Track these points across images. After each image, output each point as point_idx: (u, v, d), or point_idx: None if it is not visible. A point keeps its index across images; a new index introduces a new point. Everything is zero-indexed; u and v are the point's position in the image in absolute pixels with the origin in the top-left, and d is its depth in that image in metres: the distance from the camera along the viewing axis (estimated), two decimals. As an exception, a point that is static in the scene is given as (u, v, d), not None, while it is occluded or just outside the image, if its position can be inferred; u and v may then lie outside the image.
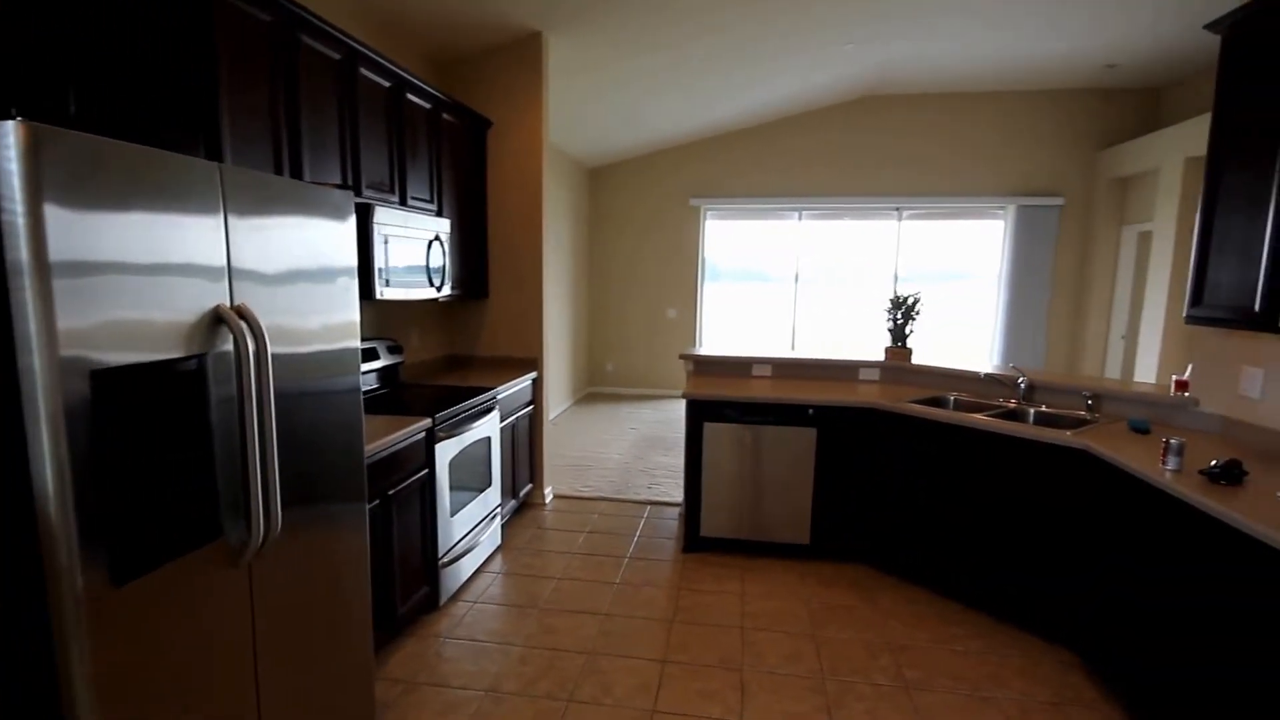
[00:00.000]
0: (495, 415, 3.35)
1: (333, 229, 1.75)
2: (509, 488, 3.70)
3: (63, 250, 1.06)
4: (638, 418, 6.70)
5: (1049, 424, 2.96)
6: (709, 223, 7.53)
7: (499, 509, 3.49)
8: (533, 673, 2.42)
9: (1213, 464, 2.01)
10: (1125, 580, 2.24)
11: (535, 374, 4.06)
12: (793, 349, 5.18)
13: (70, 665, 1.13)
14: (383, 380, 3.24)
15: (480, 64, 3.97)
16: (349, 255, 1.83)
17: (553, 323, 6.54)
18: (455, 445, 2.90)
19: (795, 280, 7.41)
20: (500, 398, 3.45)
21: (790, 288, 7.44)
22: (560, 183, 6.58)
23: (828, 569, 3.31)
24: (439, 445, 2.75)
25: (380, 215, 2.66)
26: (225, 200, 1.39)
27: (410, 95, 3.09)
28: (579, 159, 7.10)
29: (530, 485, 4.09)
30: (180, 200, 1.28)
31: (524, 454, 3.95)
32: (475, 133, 3.88)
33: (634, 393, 7.96)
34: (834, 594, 3.05)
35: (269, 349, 1.46)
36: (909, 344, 3.79)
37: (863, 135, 6.87)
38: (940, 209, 6.90)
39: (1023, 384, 3.16)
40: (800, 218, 7.27)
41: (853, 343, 7.25)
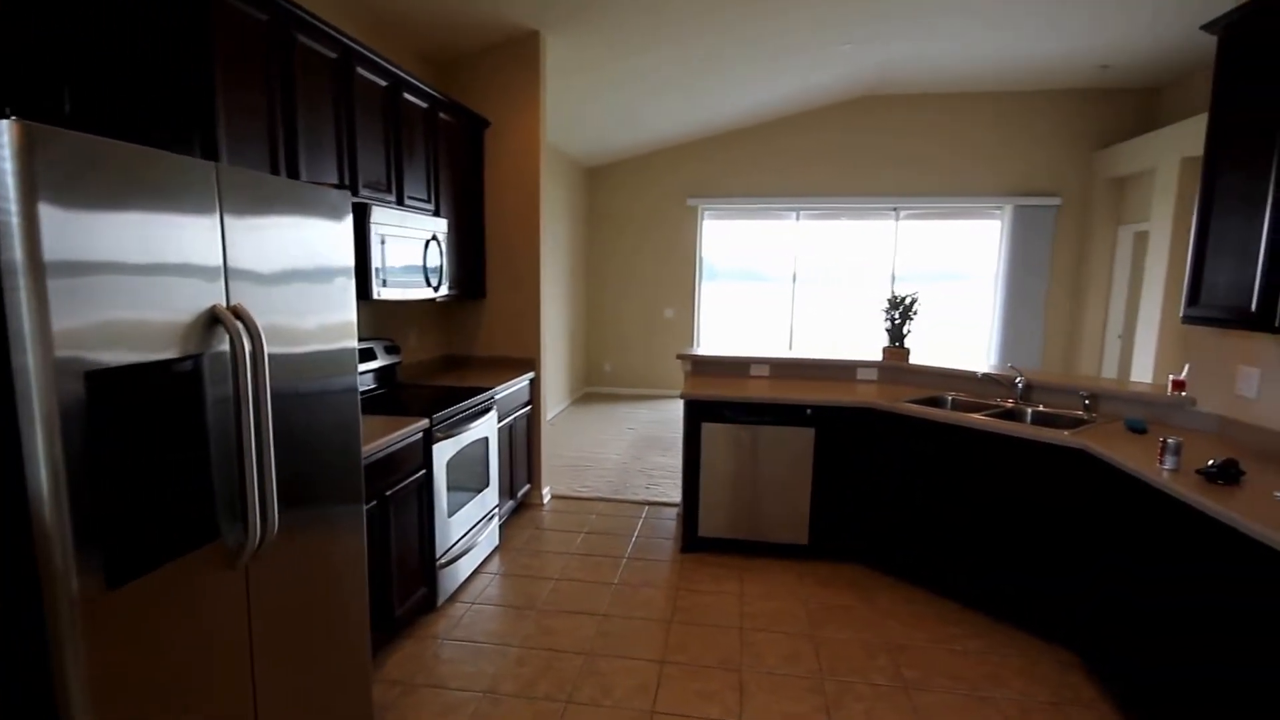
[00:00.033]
0: (493, 415, 3.35)
1: (329, 229, 1.74)
2: (507, 488, 3.69)
3: (57, 250, 1.06)
4: (635, 418, 6.70)
5: (1047, 424, 2.96)
6: (706, 222, 7.53)
7: (497, 509, 3.48)
8: (531, 674, 2.42)
9: (1210, 463, 2.01)
10: (1123, 580, 2.24)
11: (533, 374, 4.05)
12: (790, 349, 5.19)
13: (66, 668, 1.12)
14: (380, 380, 3.23)
15: (477, 63, 3.96)
16: (346, 255, 1.82)
17: (550, 323, 6.54)
18: (453, 446, 2.90)
19: (793, 280, 7.42)
20: (498, 398, 3.45)
21: (788, 287, 7.45)
22: (558, 182, 6.57)
23: (826, 569, 3.31)
24: (436, 446, 2.74)
25: (377, 215, 2.65)
26: (221, 200, 1.39)
27: (407, 95, 3.08)
28: (576, 158, 7.09)
29: (528, 486, 4.08)
30: (176, 200, 1.27)
31: (521, 454, 3.94)
32: (472, 132, 3.87)
33: (631, 393, 7.95)
34: (832, 594, 3.05)
35: (265, 349, 1.45)
36: (906, 344, 3.79)
37: (860, 135, 6.88)
38: (937, 209, 6.91)
39: (1020, 384, 3.17)
40: (798, 218, 7.27)
41: (850, 342, 7.26)
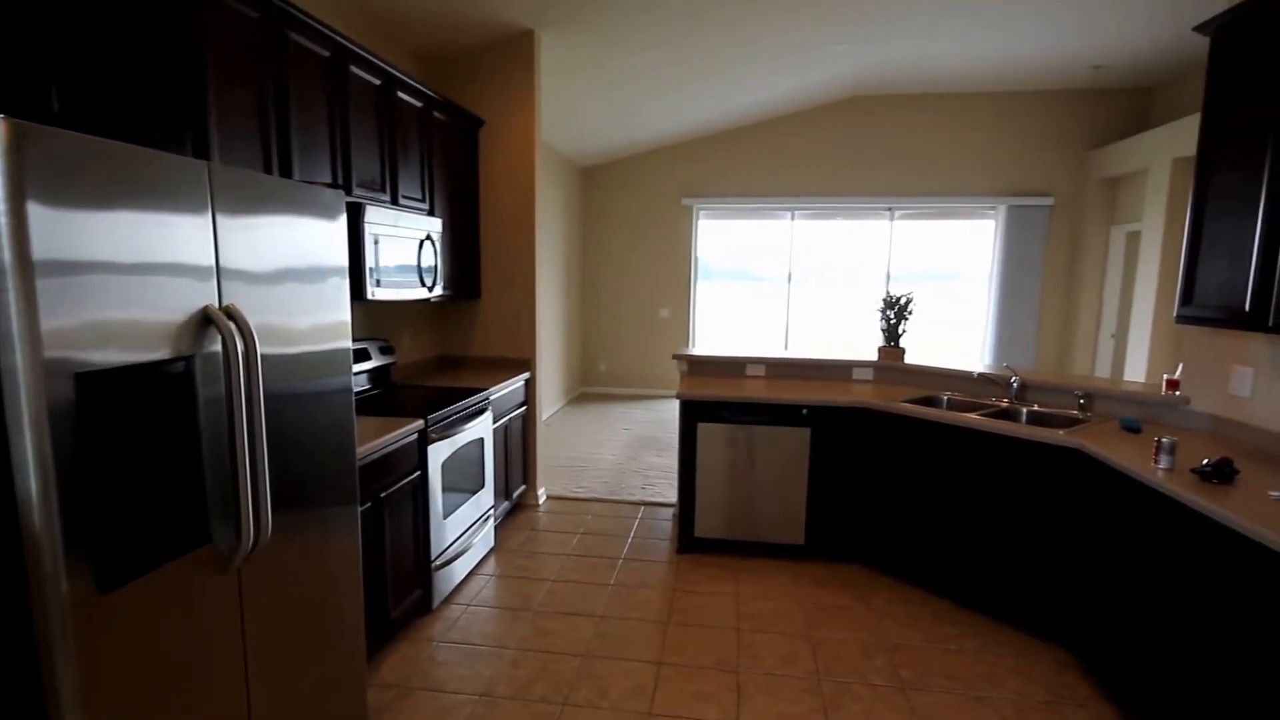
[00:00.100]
0: (488, 416, 3.33)
1: (323, 228, 1.73)
2: (502, 489, 3.68)
3: (46, 249, 1.04)
4: (631, 418, 6.69)
5: (1042, 423, 2.97)
6: (702, 222, 7.53)
7: (492, 511, 3.47)
8: (527, 676, 2.40)
9: (1204, 463, 2.02)
10: (1118, 579, 2.24)
11: (528, 374, 4.04)
12: (786, 348, 5.19)
13: (56, 674, 1.10)
14: (374, 381, 3.21)
15: (472, 62, 3.94)
16: (340, 255, 1.80)
17: (545, 323, 6.52)
18: (448, 447, 2.88)
19: (788, 280, 7.42)
20: (493, 399, 3.43)
21: (783, 287, 7.45)
22: (553, 181, 6.55)
23: (822, 569, 3.31)
24: (431, 447, 2.72)
25: (371, 214, 2.63)
26: (214, 199, 1.37)
27: (401, 93, 3.06)
28: (571, 158, 7.08)
29: (523, 486, 4.07)
30: (168, 199, 1.26)
31: (517, 455, 3.93)
32: (467, 131, 3.85)
33: (627, 393, 7.94)
34: (829, 594, 3.05)
35: (258, 350, 1.43)
36: (902, 344, 3.79)
37: (855, 135, 6.89)
38: (932, 209, 6.93)
39: (1015, 383, 3.17)
40: (793, 217, 7.28)
41: (845, 342, 7.27)
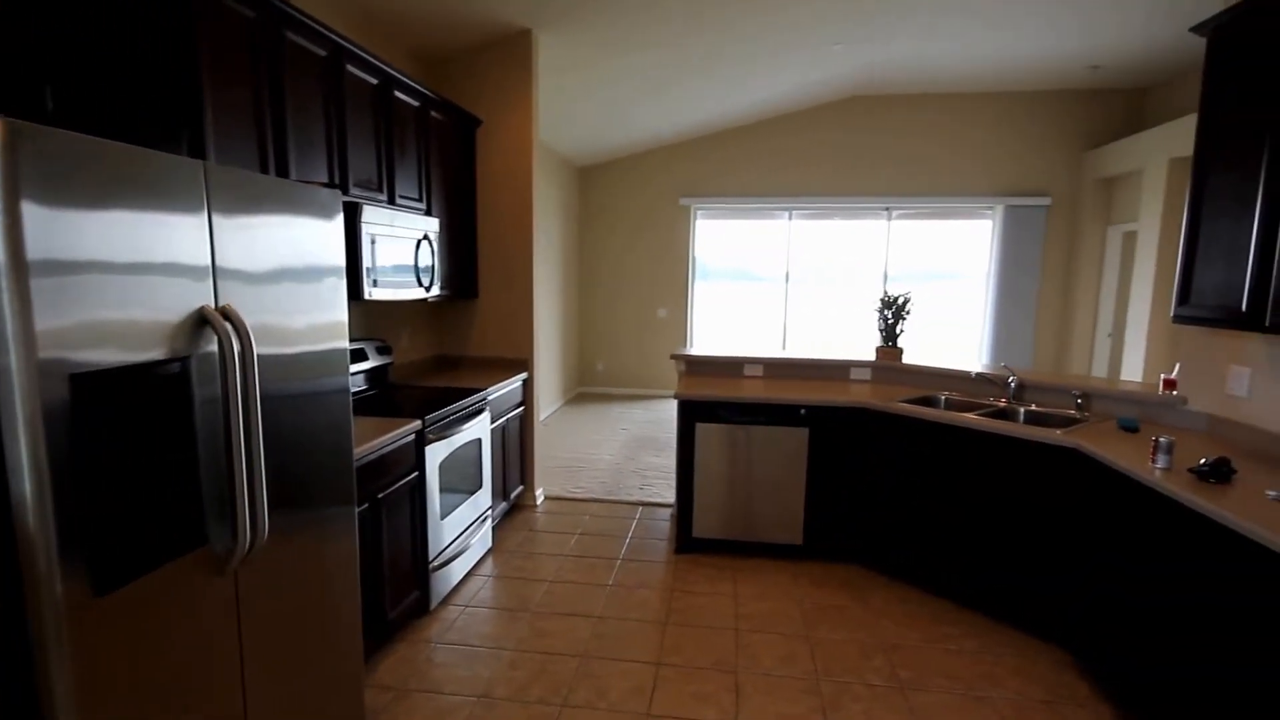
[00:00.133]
0: (486, 417, 3.32)
1: (320, 228, 1.72)
2: (500, 490, 3.67)
3: (41, 249, 1.03)
4: (629, 418, 6.68)
5: (1039, 423, 2.98)
6: (699, 222, 7.53)
7: (490, 511, 3.46)
8: (525, 677, 2.40)
9: (1202, 462, 2.02)
10: (1116, 578, 2.25)
11: (525, 374, 4.03)
12: (783, 348, 5.18)
13: (51, 676, 1.09)
14: (371, 381, 3.20)
15: (469, 61, 3.93)
16: (336, 255, 1.79)
17: (543, 322, 6.51)
18: (445, 447, 2.87)
19: (786, 280, 7.43)
20: (490, 399, 3.42)
21: (781, 287, 7.46)
22: (550, 181, 6.55)
23: (820, 569, 3.31)
24: (429, 447, 2.72)
25: (368, 214, 2.62)
26: (209, 199, 1.36)
27: (398, 93, 3.05)
28: (569, 157, 7.07)
29: (521, 487, 4.06)
30: (163, 198, 1.25)
31: (515, 455, 3.92)
32: (464, 131, 3.84)
33: (624, 393, 7.94)
34: (827, 594, 3.05)
35: (255, 350, 1.43)
36: (900, 343, 3.79)
37: (853, 135, 6.89)
38: (929, 209, 6.94)
39: (1013, 383, 3.18)
40: (790, 217, 7.28)
41: (843, 342, 7.28)
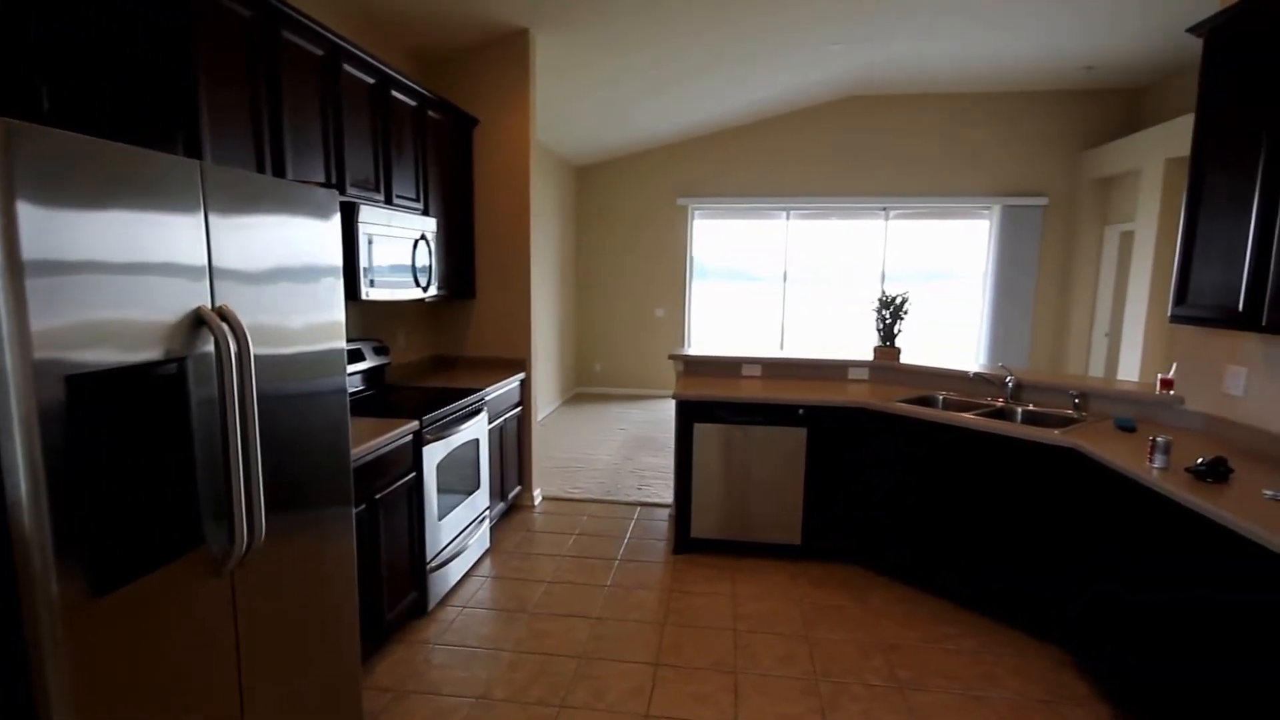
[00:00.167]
0: (483, 417, 3.32)
1: (316, 228, 1.71)
2: (497, 490, 3.66)
3: (36, 249, 1.02)
4: (626, 418, 6.68)
5: (1037, 423, 2.98)
6: (697, 222, 7.53)
7: (487, 512, 3.45)
8: (524, 678, 2.39)
9: (1199, 462, 2.03)
10: (1114, 578, 2.25)
11: (523, 375, 4.02)
12: (781, 348, 5.17)
13: (47, 679, 1.09)
14: (368, 382, 3.19)
15: (466, 61, 3.92)
16: (333, 255, 1.79)
17: (540, 323, 6.50)
18: (443, 448, 2.87)
19: (783, 279, 7.43)
20: (488, 399, 3.42)
21: (778, 287, 7.46)
22: (547, 181, 6.54)
23: (818, 569, 3.31)
24: (426, 448, 2.71)
25: (365, 214, 2.62)
26: (206, 198, 1.35)
27: (395, 92, 3.04)
28: (566, 157, 7.06)
29: (519, 487, 4.06)
30: (160, 198, 1.24)
31: (512, 456, 3.91)
32: (462, 131, 3.84)
33: (622, 393, 7.93)
34: (825, 594, 3.05)
35: (251, 350, 1.42)
36: (897, 343, 3.80)
37: (850, 135, 6.90)
38: (927, 208, 6.95)
39: (1010, 383, 3.18)
40: (788, 217, 7.28)
41: (840, 342, 7.28)
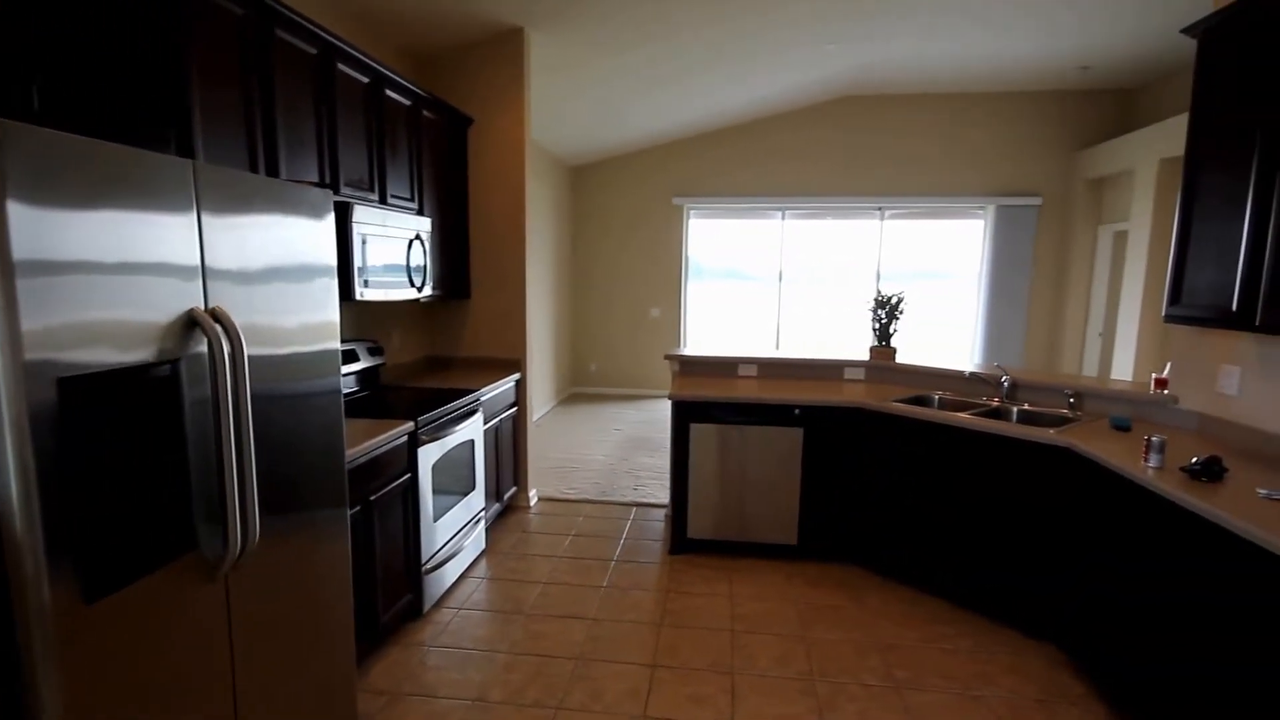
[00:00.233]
0: (479, 418, 3.30)
1: (310, 228, 1.70)
2: (493, 491, 3.65)
3: (27, 249, 1.01)
4: (622, 418, 6.67)
5: (1032, 422, 2.99)
6: (692, 221, 7.52)
7: (483, 513, 3.44)
8: (520, 680, 2.38)
9: (1193, 461, 2.03)
10: (1109, 577, 2.26)
11: (518, 375, 4.01)
12: (776, 348, 5.18)
13: (39, 684, 1.07)
14: (363, 383, 3.17)
15: (461, 60, 3.91)
16: (327, 255, 1.77)
17: (535, 323, 6.49)
18: (438, 449, 2.85)
19: (779, 279, 7.44)
20: (483, 400, 3.40)
21: (774, 287, 7.46)
22: (542, 181, 6.52)
23: (815, 569, 3.31)
24: (421, 449, 2.70)
25: (359, 214, 2.60)
26: (199, 198, 1.34)
27: (389, 92, 3.03)
28: (561, 157, 7.05)
29: (514, 488, 4.04)
30: (152, 198, 1.23)
31: (508, 457, 3.90)
32: (456, 130, 3.82)
33: (618, 393, 7.92)
34: (822, 594, 3.05)
35: (245, 351, 1.41)
36: (893, 343, 3.80)
37: (845, 135, 6.91)
38: (922, 208, 6.97)
39: (1006, 383, 3.19)
40: (783, 217, 7.29)
41: (836, 342, 7.29)
